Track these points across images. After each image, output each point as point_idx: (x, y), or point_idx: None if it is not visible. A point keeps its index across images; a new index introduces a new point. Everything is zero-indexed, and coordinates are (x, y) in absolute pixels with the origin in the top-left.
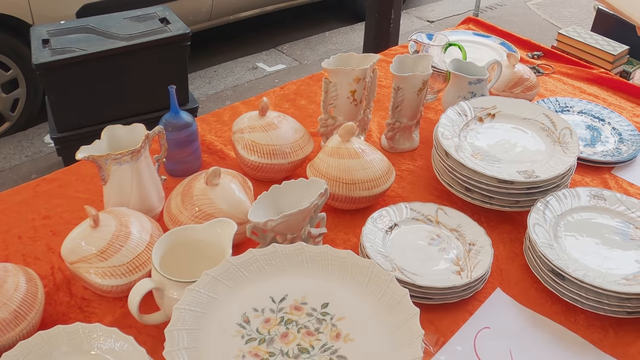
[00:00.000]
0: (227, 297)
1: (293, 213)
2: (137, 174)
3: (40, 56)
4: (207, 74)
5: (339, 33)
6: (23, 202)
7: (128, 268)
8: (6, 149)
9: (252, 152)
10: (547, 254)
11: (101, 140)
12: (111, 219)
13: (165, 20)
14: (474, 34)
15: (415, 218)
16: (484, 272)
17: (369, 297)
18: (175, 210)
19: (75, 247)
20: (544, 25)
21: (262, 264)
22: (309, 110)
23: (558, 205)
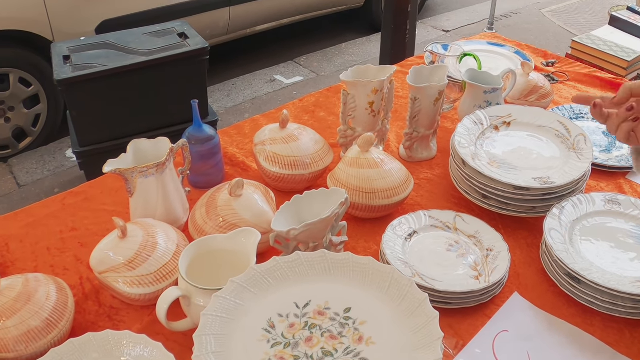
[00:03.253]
0: (253, 304)
1: (315, 222)
2: (163, 186)
3: (61, 72)
4: (225, 87)
5: (355, 44)
6: (50, 215)
7: (155, 277)
8: (29, 164)
9: (274, 163)
10: (563, 258)
11: (127, 153)
12: (138, 229)
13: (183, 35)
14: (489, 44)
15: (434, 225)
16: (501, 277)
17: (390, 301)
18: (200, 221)
19: (104, 257)
20: (559, 33)
21: (285, 271)
22: (328, 121)
23: (573, 211)
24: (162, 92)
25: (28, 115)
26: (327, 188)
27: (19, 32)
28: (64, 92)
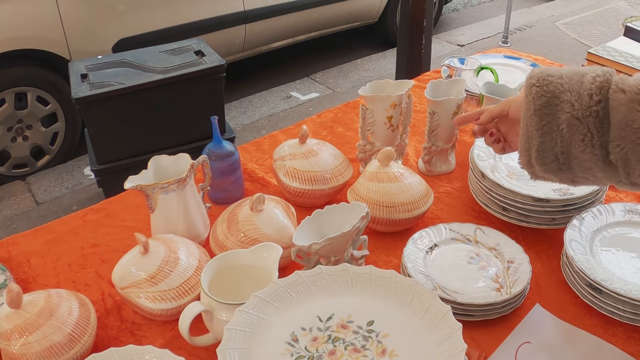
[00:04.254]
0: (276, 318)
1: (336, 236)
2: (183, 202)
3: (79, 90)
4: (242, 104)
5: (371, 60)
6: (71, 231)
7: (178, 292)
8: (47, 182)
9: (294, 178)
10: (584, 269)
11: (147, 170)
12: (160, 245)
13: (200, 52)
14: (505, 57)
15: (455, 238)
16: (522, 289)
17: (413, 314)
18: (222, 236)
19: (126, 273)
20: (574, 45)
21: (308, 285)
22: (347, 137)
23: (593, 221)
24: (179, 109)
25: (46, 133)
26: (347, 202)
27: (36, 51)
28: (82, 110)
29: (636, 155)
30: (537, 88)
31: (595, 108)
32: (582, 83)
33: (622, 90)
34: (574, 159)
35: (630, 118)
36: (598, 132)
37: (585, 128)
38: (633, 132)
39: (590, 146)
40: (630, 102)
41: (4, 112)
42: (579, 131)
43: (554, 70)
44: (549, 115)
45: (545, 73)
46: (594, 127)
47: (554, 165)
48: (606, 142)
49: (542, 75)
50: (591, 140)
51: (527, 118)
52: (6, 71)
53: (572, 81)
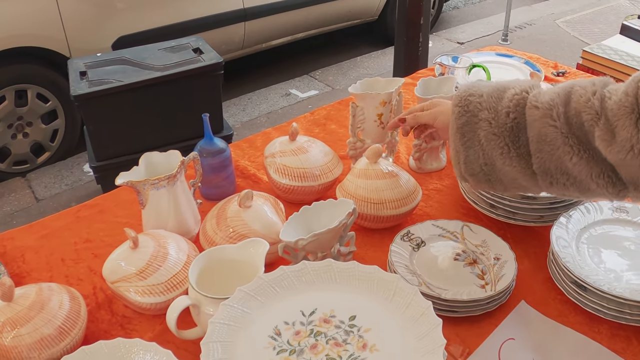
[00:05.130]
0: (260, 312)
1: (322, 232)
2: (174, 198)
3: (78, 88)
4: (241, 101)
5: (370, 58)
6: (65, 227)
7: (166, 286)
8: (47, 178)
9: (284, 175)
10: (570, 266)
11: (139, 166)
12: (149, 240)
13: (198, 50)
14: (497, 55)
15: (442, 235)
16: (507, 285)
17: (395, 309)
18: (211, 232)
19: (116, 267)
20: (574, 43)
21: (292, 280)
22: (339, 134)
23: (581, 219)
24: (177, 106)
25: (46, 130)
26: (336, 199)
27: (36, 49)
28: (81, 108)
29: (554, 164)
30: (458, 108)
31: (510, 124)
32: (501, 100)
33: (535, 106)
34: (499, 171)
35: (544, 133)
36: (514, 144)
37: (502, 142)
38: (547, 144)
39: (508, 158)
40: (543, 118)
41: (5, 109)
42: (497, 145)
43: (477, 89)
44: (470, 132)
45: (468, 93)
46: (510, 141)
47: (481, 176)
48: (524, 154)
49: (464, 95)
50: (509, 153)
51: (452, 135)
52: (6, 68)
53: (492, 99)
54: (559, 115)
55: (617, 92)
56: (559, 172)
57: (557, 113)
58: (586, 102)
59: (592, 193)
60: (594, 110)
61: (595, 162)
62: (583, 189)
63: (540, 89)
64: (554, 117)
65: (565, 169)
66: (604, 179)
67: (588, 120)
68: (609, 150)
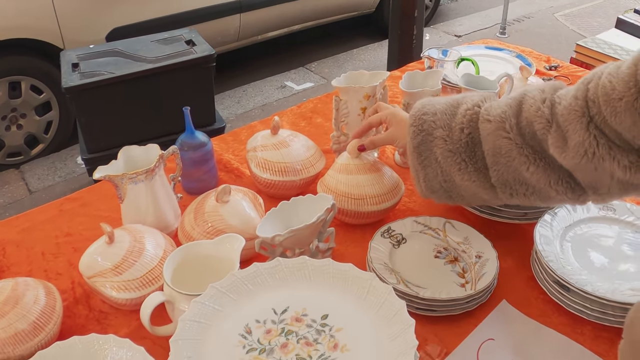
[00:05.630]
0: (232, 309)
1: (300, 228)
2: (152, 192)
3: (69, 80)
4: (236, 93)
5: (367, 50)
6: (47, 220)
7: (141, 282)
8: (40, 170)
9: (265, 169)
10: (552, 265)
11: (118, 160)
12: (126, 235)
13: (191, 42)
14: (487, 48)
15: (423, 231)
16: (488, 284)
17: (368, 309)
18: (189, 227)
19: (92, 262)
20: (572, 37)
21: (265, 277)
22: (325, 127)
23: (567, 217)
24: (169, 98)
25: (40, 122)
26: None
27: (30, 41)
28: (72, 100)
29: (512, 175)
30: (413, 128)
31: (465, 140)
32: (455, 116)
33: (487, 120)
34: (459, 187)
35: (498, 145)
36: (471, 160)
37: (459, 158)
38: (503, 157)
39: (467, 174)
40: (496, 131)
41: None
42: (454, 162)
43: (430, 107)
44: (426, 151)
45: (421, 111)
46: (466, 157)
47: (442, 193)
48: (481, 168)
49: (418, 114)
50: (466, 169)
51: (410, 154)
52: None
53: (445, 116)
54: (511, 127)
55: (566, 96)
56: (517, 182)
57: (509, 125)
58: (536, 111)
59: (553, 200)
60: (544, 118)
61: (552, 170)
62: (544, 197)
63: (492, 102)
64: (507, 129)
65: (523, 179)
66: (562, 186)
67: (540, 130)
68: (563, 157)
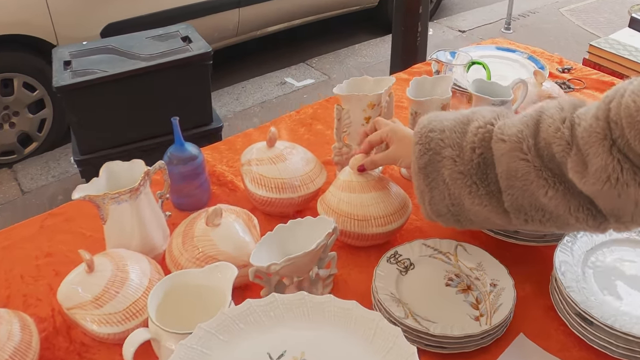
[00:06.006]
0: (222, 353)
1: (298, 256)
2: (138, 213)
3: (60, 78)
4: (235, 90)
5: (369, 45)
6: (28, 238)
7: (125, 315)
8: (33, 170)
9: (260, 186)
10: (573, 296)
11: (99, 177)
12: (107, 262)
13: (187, 38)
14: (498, 49)
15: (433, 256)
16: (504, 318)
17: (375, 353)
18: (176, 252)
19: (71, 292)
20: (578, 33)
21: (259, 315)
22: (326, 136)
23: (588, 240)
24: (164, 97)
25: (33, 120)
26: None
27: (22, 37)
28: (64, 99)
29: (528, 200)
30: (419, 146)
31: (477, 161)
32: (465, 134)
33: (502, 140)
34: (468, 211)
35: (513, 167)
36: (482, 182)
37: (469, 180)
38: (519, 180)
39: (477, 197)
40: (511, 152)
41: None
42: (464, 184)
43: (438, 123)
44: (434, 172)
45: (428, 128)
46: (477, 179)
47: (449, 217)
48: (494, 191)
49: (424, 131)
50: (477, 192)
51: (415, 175)
52: None
53: (455, 134)
54: (529, 148)
55: (586, 116)
56: (533, 208)
57: (527, 146)
58: (555, 131)
59: (572, 227)
60: (564, 140)
61: (572, 195)
62: (561, 224)
63: (506, 119)
64: (524, 151)
65: (540, 205)
66: (583, 212)
67: (559, 152)
68: (583, 182)
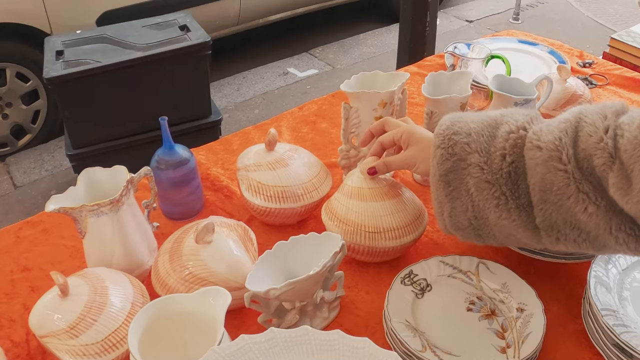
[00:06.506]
0: None
1: (300, 280)
2: (120, 226)
3: (51, 69)
4: (236, 80)
5: (374, 35)
6: (3, 250)
7: (103, 347)
8: (27, 163)
9: (258, 194)
10: (612, 325)
11: (77, 186)
12: (84, 285)
13: (185, 27)
14: (519, 41)
15: (452, 275)
16: (534, 350)
17: None
18: (163, 271)
19: (44, 319)
20: (588, 24)
21: (256, 354)
22: (331, 135)
23: (624, 256)
24: (160, 89)
25: (27, 111)
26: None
27: (15, 25)
28: (55, 91)
29: (563, 217)
30: (441, 150)
31: (507, 169)
32: (494, 139)
33: (537, 147)
34: (493, 226)
35: (549, 179)
36: (512, 194)
37: (498, 191)
38: (554, 194)
39: (506, 211)
40: (548, 161)
41: None
42: (492, 195)
43: (463, 125)
44: (456, 180)
45: (451, 130)
46: (507, 189)
47: (469, 231)
48: (524, 205)
49: (447, 133)
50: (506, 205)
51: (434, 183)
52: None
53: (482, 138)
54: (569, 158)
55: (631, 126)
56: (568, 226)
57: (567, 155)
58: (597, 142)
59: (609, 250)
60: (607, 152)
61: (614, 213)
62: (598, 245)
63: (541, 123)
64: (563, 161)
65: (576, 223)
66: (624, 232)
67: (600, 165)
68: (626, 201)
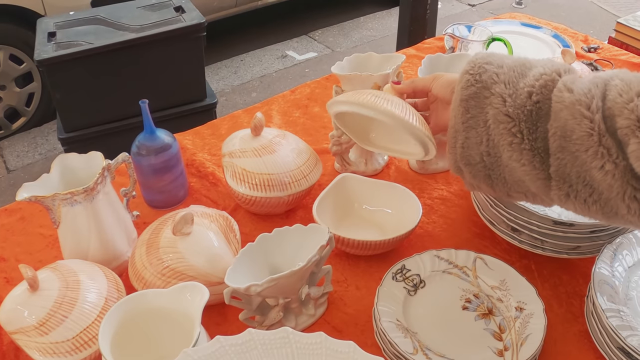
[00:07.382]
0: None
1: (283, 275)
2: (95, 216)
3: (42, 51)
4: (233, 63)
5: (375, 18)
6: None
7: (74, 344)
8: (20, 146)
9: (242, 182)
10: (617, 327)
11: (51, 173)
12: (54, 280)
13: (180, 8)
14: (522, 24)
15: (447, 271)
16: (533, 354)
17: None
18: (140, 264)
19: (14, 314)
20: (592, 10)
21: (231, 357)
22: (323, 119)
23: (630, 253)
24: (154, 72)
25: (21, 94)
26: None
27: (8, 7)
28: (46, 74)
29: (577, 170)
30: (468, 76)
31: (530, 108)
32: (524, 77)
33: (569, 89)
34: (504, 166)
35: (570, 127)
36: (530, 134)
37: (515, 127)
38: (573, 143)
39: (518, 151)
40: (575, 105)
41: None
42: (508, 130)
43: (497, 58)
44: (476, 108)
45: (485, 60)
46: (525, 128)
47: (479, 168)
48: (539, 149)
49: (480, 62)
50: (520, 144)
51: (454, 108)
52: None
53: (514, 72)
54: (597, 108)
55: None
56: (581, 182)
57: (596, 105)
58: (627, 102)
59: (619, 219)
60: (635, 114)
61: (631, 178)
62: (608, 212)
63: (576, 75)
64: (592, 109)
65: (590, 180)
66: (637, 203)
67: (623, 128)
68: None
